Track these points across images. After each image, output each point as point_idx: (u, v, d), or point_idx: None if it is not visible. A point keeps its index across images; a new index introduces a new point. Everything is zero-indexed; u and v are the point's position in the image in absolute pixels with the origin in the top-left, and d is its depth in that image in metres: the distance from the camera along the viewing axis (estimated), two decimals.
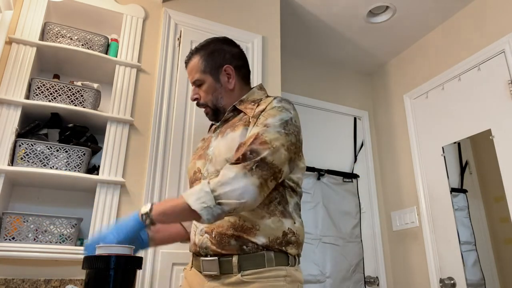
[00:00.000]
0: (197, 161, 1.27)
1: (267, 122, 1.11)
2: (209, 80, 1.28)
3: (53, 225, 1.64)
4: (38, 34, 1.87)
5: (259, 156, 1.05)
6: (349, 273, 2.68)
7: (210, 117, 1.32)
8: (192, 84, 1.32)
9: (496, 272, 2.20)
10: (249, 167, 1.03)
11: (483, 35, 2.42)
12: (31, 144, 1.68)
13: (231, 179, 1.02)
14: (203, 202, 1.00)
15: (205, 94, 1.29)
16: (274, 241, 1.09)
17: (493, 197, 2.27)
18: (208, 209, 1.00)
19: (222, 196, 1.01)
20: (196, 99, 1.31)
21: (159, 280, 1.71)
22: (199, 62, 1.29)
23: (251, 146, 1.06)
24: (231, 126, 1.21)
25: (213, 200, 1.00)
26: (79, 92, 1.85)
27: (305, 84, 3.09)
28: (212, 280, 1.09)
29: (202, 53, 1.30)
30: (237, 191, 1.01)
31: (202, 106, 1.31)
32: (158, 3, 2.22)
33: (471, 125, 2.40)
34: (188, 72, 1.33)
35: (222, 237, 1.09)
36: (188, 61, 1.33)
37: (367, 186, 3.02)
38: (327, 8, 2.63)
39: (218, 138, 1.23)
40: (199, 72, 1.28)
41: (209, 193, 1.01)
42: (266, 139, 1.07)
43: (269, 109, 1.15)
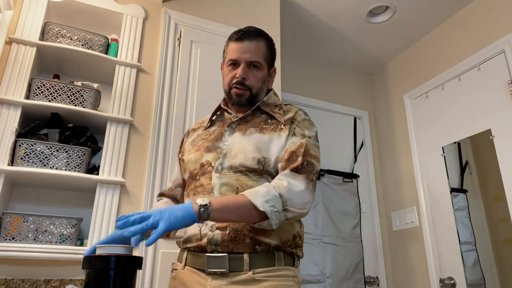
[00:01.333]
0: (204, 154, 1.20)
1: (306, 134, 1.18)
2: (265, 70, 1.26)
3: (53, 225, 1.64)
4: (38, 34, 1.87)
5: (315, 169, 1.13)
6: (349, 273, 2.68)
7: (242, 100, 1.23)
8: (244, 62, 1.21)
9: (496, 272, 2.20)
10: (311, 178, 1.11)
11: (483, 35, 2.42)
12: (31, 144, 1.68)
13: (299, 188, 1.06)
14: (273, 206, 1.00)
15: (256, 79, 1.24)
16: (286, 243, 1.11)
17: (493, 197, 2.27)
18: (277, 214, 1.01)
19: (289, 203, 1.03)
20: (244, 78, 1.22)
21: (159, 280, 1.71)
22: (265, 49, 1.26)
23: (305, 158, 1.12)
24: (256, 127, 1.20)
25: (281, 205, 1.02)
26: (79, 92, 1.85)
27: (305, 84, 3.09)
28: (217, 278, 1.06)
29: (267, 42, 1.28)
30: (303, 200, 1.06)
31: (244, 87, 1.22)
32: (158, 3, 2.22)
33: (471, 125, 2.40)
34: (249, 49, 1.22)
35: (237, 234, 1.07)
36: (252, 39, 1.23)
37: (367, 186, 3.02)
38: (327, 8, 2.63)
39: (236, 135, 1.20)
40: (262, 57, 1.24)
41: (277, 198, 1.02)
42: (312, 152, 1.15)
43: (301, 121, 1.22)
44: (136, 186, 1.86)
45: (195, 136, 1.32)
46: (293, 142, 1.15)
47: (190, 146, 1.29)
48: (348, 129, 3.15)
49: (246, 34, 1.24)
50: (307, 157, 1.12)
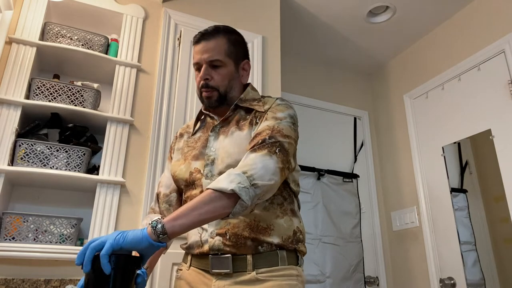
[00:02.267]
0: (192, 162, 1.19)
1: (278, 116, 1.13)
2: (231, 66, 1.21)
3: (53, 225, 1.64)
4: (38, 34, 1.87)
5: (279, 143, 1.06)
6: (349, 273, 2.68)
7: (212, 102, 1.20)
8: (204, 62, 1.19)
9: (496, 272, 2.20)
10: (273, 150, 1.04)
11: (483, 35, 2.42)
12: (31, 144, 1.68)
13: (259, 160, 1.01)
14: (239, 183, 0.94)
15: (221, 78, 1.19)
16: (287, 240, 1.10)
17: (493, 197, 2.27)
18: (246, 190, 0.95)
19: (256, 177, 0.98)
20: (206, 79, 1.19)
21: (159, 280, 1.71)
22: (226, 45, 1.20)
23: (270, 134, 1.07)
24: (236, 125, 1.18)
25: (247, 181, 0.96)
26: (79, 92, 1.85)
27: (305, 84, 3.09)
28: (221, 279, 1.07)
29: (228, 37, 1.22)
30: (268, 172, 1.00)
31: (210, 88, 1.19)
32: (158, 3, 2.22)
33: (471, 125, 2.40)
34: (207, 49, 1.19)
35: (238, 238, 1.07)
36: (208, 38, 1.20)
37: (367, 186, 3.02)
38: (327, 8, 2.63)
39: (220, 138, 1.18)
40: (223, 54, 1.19)
41: (241, 175, 0.97)
42: (283, 131, 1.10)
43: (275, 106, 1.18)
44: (136, 186, 1.86)
45: (182, 143, 1.30)
46: (262, 125, 1.12)
47: (179, 154, 1.27)
48: (348, 129, 3.15)
49: (203, 35, 1.21)
50: (272, 134, 1.07)
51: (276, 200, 1.13)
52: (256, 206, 1.09)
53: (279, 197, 1.14)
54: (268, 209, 1.11)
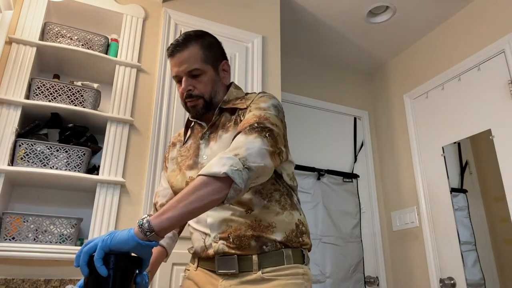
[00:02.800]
0: (187, 171, 1.18)
1: (261, 106, 1.12)
2: (210, 71, 1.19)
3: (53, 225, 1.64)
4: (38, 34, 1.87)
5: (267, 128, 1.05)
6: (349, 273, 2.68)
7: (199, 110, 1.19)
8: (183, 74, 1.17)
9: (496, 272, 2.20)
10: (263, 134, 1.03)
11: (483, 35, 2.42)
12: (31, 144, 1.68)
13: (250, 142, 0.99)
14: (231, 165, 0.92)
15: (203, 85, 1.18)
16: (291, 234, 1.10)
17: (493, 197, 2.27)
18: (239, 173, 0.93)
19: (249, 158, 0.96)
20: (189, 90, 1.17)
21: (159, 280, 1.71)
22: (199, 52, 1.18)
23: (257, 120, 1.06)
24: (223, 128, 1.18)
25: (239, 163, 0.94)
26: (79, 92, 1.85)
27: (305, 84, 3.09)
28: (227, 279, 1.07)
29: (200, 43, 1.19)
30: (260, 154, 0.99)
31: (194, 97, 1.18)
32: (158, 3, 2.22)
33: (471, 125, 2.40)
34: (182, 60, 1.17)
35: (241, 240, 1.07)
36: (181, 49, 1.17)
37: (367, 186, 3.02)
38: (327, 8, 2.63)
39: (210, 144, 1.18)
40: (200, 61, 1.17)
41: (232, 158, 0.94)
42: (269, 118, 1.08)
43: (257, 98, 1.17)
44: (136, 186, 1.86)
45: (175, 152, 1.29)
46: (247, 116, 1.10)
47: (173, 165, 1.27)
48: (348, 129, 3.15)
49: (175, 46, 1.18)
50: (261, 121, 1.06)
51: (274, 197, 1.13)
52: (255, 206, 1.09)
53: (275, 193, 1.13)
54: (267, 207, 1.11)
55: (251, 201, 1.10)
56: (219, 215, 1.10)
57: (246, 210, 1.09)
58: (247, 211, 1.09)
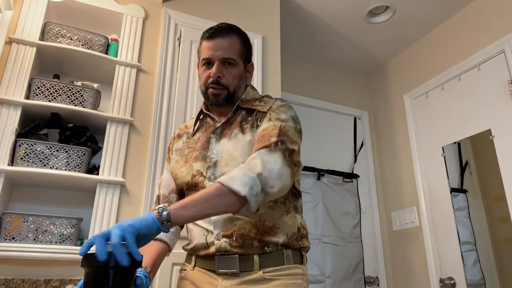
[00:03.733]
0: (194, 164, 1.18)
1: (282, 117, 1.14)
2: (241, 67, 1.22)
3: (53, 225, 1.64)
4: (38, 34, 1.87)
5: (288, 148, 1.07)
6: (349, 273, 2.68)
7: (220, 100, 1.19)
8: (217, 60, 1.17)
9: (496, 272, 2.20)
10: (285, 154, 1.05)
11: (483, 35, 2.42)
12: (31, 144, 1.68)
13: (276, 165, 1.01)
14: (251, 188, 0.95)
15: (232, 77, 1.19)
16: (292, 237, 1.12)
17: (493, 197, 2.27)
18: (256, 197, 0.96)
19: (269, 182, 0.98)
20: (219, 77, 1.17)
21: (159, 280, 1.71)
22: (239, 45, 1.21)
23: (280, 137, 1.07)
24: (239, 127, 1.18)
25: (259, 186, 0.97)
26: (79, 92, 1.85)
27: (305, 84, 3.09)
28: (228, 278, 1.07)
29: (241, 37, 1.23)
30: (281, 179, 1.01)
31: (221, 86, 1.18)
32: (158, 3, 2.22)
33: (471, 125, 2.40)
34: (221, 46, 1.17)
35: (245, 239, 1.07)
36: (223, 35, 1.18)
37: (367, 186, 3.02)
38: (327, 8, 2.63)
39: (222, 141, 1.17)
40: (237, 53, 1.19)
41: (255, 179, 0.96)
42: (289, 134, 1.10)
43: (277, 107, 1.18)
44: (136, 186, 1.86)
45: (180, 144, 1.29)
46: (268, 125, 1.11)
47: (177, 156, 1.26)
48: (348, 129, 3.15)
49: (218, 31, 1.19)
50: (281, 137, 1.07)
51: (280, 198, 1.13)
52: (261, 206, 1.08)
53: (281, 197, 1.14)
54: (273, 208, 1.12)
55: None
56: None
57: None
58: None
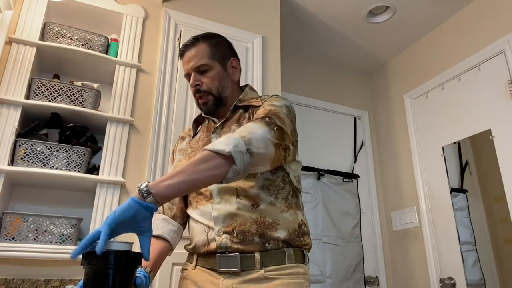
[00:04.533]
0: None
1: (274, 103, 1.16)
2: (217, 67, 1.24)
3: (53, 225, 1.64)
4: (38, 34, 1.87)
5: (277, 124, 1.08)
6: (349, 273, 2.68)
7: (209, 106, 1.24)
8: (191, 70, 1.23)
9: (496, 272, 2.20)
10: (272, 126, 1.06)
11: (483, 35, 2.42)
12: (31, 144, 1.68)
13: (258, 128, 1.02)
14: (235, 146, 0.95)
15: (210, 80, 1.22)
16: (293, 233, 1.12)
17: (493, 197, 2.27)
18: (241, 155, 0.95)
19: (253, 143, 0.98)
20: (197, 85, 1.22)
21: (159, 280, 1.71)
22: (207, 48, 1.24)
23: (268, 114, 1.09)
24: (236, 123, 1.20)
25: (244, 146, 0.96)
26: (79, 92, 1.85)
27: (305, 84, 3.09)
28: (229, 277, 1.07)
29: (207, 41, 1.25)
30: (264, 141, 1.02)
31: (203, 93, 1.22)
32: (158, 3, 2.22)
33: (471, 125, 2.40)
34: (190, 58, 1.23)
35: (245, 235, 1.08)
36: (189, 48, 1.24)
37: (367, 186, 3.02)
38: (327, 8, 2.63)
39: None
40: (207, 57, 1.22)
41: (238, 139, 0.97)
42: (281, 115, 1.11)
43: (272, 98, 1.21)
44: (136, 186, 1.86)
45: (184, 144, 1.33)
46: (259, 112, 1.15)
47: (181, 155, 1.30)
48: (348, 129, 3.15)
49: (185, 46, 1.26)
50: (270, 115, 1.09)
51: (281, 194, 1.14)
52: (261, 202, 1.10)
53: (282, 191, 1.15)
54: (273, 204, 1.12)
55: (258, 196, 1.11)
56: (224, 208, 1.11)
57: (252, 204, 1.11)
58: (253, 205, 1.11)
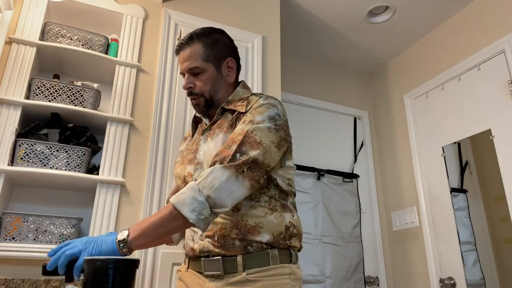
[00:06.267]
0: (187, 166, 1.22)
1: (255, 119, 1.10)
2: (211, 69, 1.22)
3: (53, 225, 1.64)
4: (38, 34, 1.87)
5: (249, 157, 1.04)
6: (349, 273, 2.68)
7: (200, 109, 1.24)
8: (185, 71, 1.23)
9: (496, 272, 2.20)
10: (241, 170, 1.03)
11: (483, 35, 2.42)
12: (31, 144, 1.68)
13: (224, 183, 1.01)
14: (199, 214, 0.99)
15: (202, 83, 1.21)
16: (278, 237, 1.09)
17: (493, 197, 2.27)
18: (205, 220, 1.00)
19: (218, 203, 1.00)
20: (190, 88, 1.22)
21: (159, 280, 1.71)
22: (201, 50, 1.21)
23: (241, 147, 1.05)
24: (220, 127, 1.19)
25: (208, 209, 1.00)
26: (79, 92, 1.85)
27: (305, 84, 3.09)
28: (214, 280, 1.08)
29: (203, 41, 1.22)
30: (231, 196, 1.02)
31: (195, 95, 1.23)
32: (158, 3, 2.22)
33: (471, 125, 2.40)
34: (184, 58, 1.22)
35: (226, 240, 1.07)
36: (184, 47, 1.22)
37: (367, 186, 3.02)
38: (327, 8, 2.63)
39: (207, 141, 1.20)
40: (200, 59, 1.20)
41: (203, 203, 0.99)
42: (256, 137, 1.07)
43: (256, 107, 1.15)
44: (136, 186, 1.86)
45: (184, 146, 1.35)
46: (237, 129, 1.10)
47: (179, 157, 1.32)
48: (348, 129, 3.15)
49: (180, 45, 1.24)
50: (244, 146, 1.05)
51: (263, 197, 1.12)
52: (242, 206, 1.10)
53: (264, 196, 1.12)
54: (255, 207, 1.10)
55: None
56: None
57: (232, 209, 1.09)
58: (234, 210, 1.10)
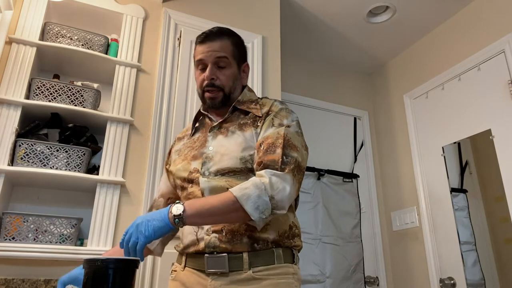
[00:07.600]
0: (192, 162, 1.20)
1: (284, 123, 1.16)
2: (235, 67, 1.24)
3: (53, 225, 1.64)
4: (38, 34, 1.87)
5: (295, 161, 1.09)
6: (349, 273, 2.68)
7: (217, 103, 1.21)
8: (211, 60, 1.19)
9: (496, 272, 2.20)
10: (294, 173, 1.08)
11: (483, 35, 2.42)
12: (31, 144, 1.68)
13: (286, 186, 1.05)
14: (262, 213, 1.01)
15: (226, 78, 1.21)
16: (283, 235, 1.11)
17: (493, 197, 2.27)
18: (265, 220, 1.02)
19: (279, 205, 1.03)
20: (212, 79, 1.19)
21: (159, 280, 1.72)
22: (231, 46, 1.23)
23: (285, 150, 1.09)
24: (236, 126, 1.20)
25: (270, 210, 1.02)
26: (79, 92, 1.85)
27: (305, 84, 3.09)
28: (217, 278, 1.06)
29: (232, 39, 1.25)
30: (290, 199, 1.06)
31: (215, 88, 1.20)
32: (158, 3, 2.22)
33: (471, 125, 2.40)
34: (213, 47, 1.19)
35: (234, 235, 1.07)
36: (213, 38, 1.21)
37: (367, 186, 3.02)
38: (327, 8, 2.63)
39: (219, 137, 1.19)
40: (229, 55, 1.21)
41: (268, 203, 1.02)
42: (293, 142, 1.13)
43: (278, 111, 1.19)
44: (136, 186, 1.86)
45: (181, 145, 1.31)
46: (271, 133, 1.13)
47: (176, 155, 1.28)
48: (348, 129, 3.15)
49: (209, 35, 1.22)
50: (287, 149, 1.09)
51: None
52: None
53: None
54: None
55: None
56: None
57: None
58: None
